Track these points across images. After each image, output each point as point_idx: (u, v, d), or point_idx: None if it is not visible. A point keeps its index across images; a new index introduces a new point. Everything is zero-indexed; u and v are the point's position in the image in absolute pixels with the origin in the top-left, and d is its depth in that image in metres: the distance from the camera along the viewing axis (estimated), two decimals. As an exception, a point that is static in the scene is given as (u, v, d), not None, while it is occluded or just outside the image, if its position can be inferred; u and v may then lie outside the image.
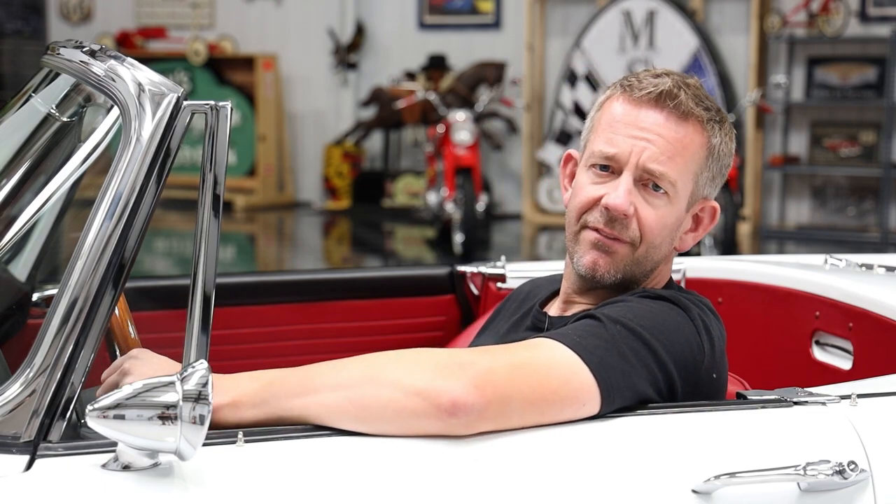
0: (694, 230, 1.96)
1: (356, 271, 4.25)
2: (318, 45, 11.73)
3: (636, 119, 1.87)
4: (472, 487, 1.56)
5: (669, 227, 1.89)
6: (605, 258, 1.88)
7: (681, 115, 1.86)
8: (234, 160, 11.64)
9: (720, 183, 1.95)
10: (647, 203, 1.87)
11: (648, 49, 10.09)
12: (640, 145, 1.85)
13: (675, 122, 1.86)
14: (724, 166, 1.93)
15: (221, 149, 1.62)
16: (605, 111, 1.92)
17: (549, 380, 1.62)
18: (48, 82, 1.97)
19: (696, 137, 1.88)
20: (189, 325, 1.60)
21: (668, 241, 1.91)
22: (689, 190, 1.90)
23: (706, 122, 1.88)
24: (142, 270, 7.52)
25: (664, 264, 1.95)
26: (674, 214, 1.89)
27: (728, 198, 8.29)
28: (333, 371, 1.62)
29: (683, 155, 1.87)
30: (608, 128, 1.89)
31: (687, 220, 1.94)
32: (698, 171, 1.89)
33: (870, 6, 9.79)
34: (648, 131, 1.86)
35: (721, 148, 1.91)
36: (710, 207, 1.95)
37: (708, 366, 1.80)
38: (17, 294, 2.19)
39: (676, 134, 1.86)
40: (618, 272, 1.88)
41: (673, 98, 1.86)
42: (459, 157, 9.12)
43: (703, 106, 1.89)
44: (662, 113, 1.86)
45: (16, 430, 1.50)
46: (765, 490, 1.64)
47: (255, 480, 1.51)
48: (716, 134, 1.90)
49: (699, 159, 1.89)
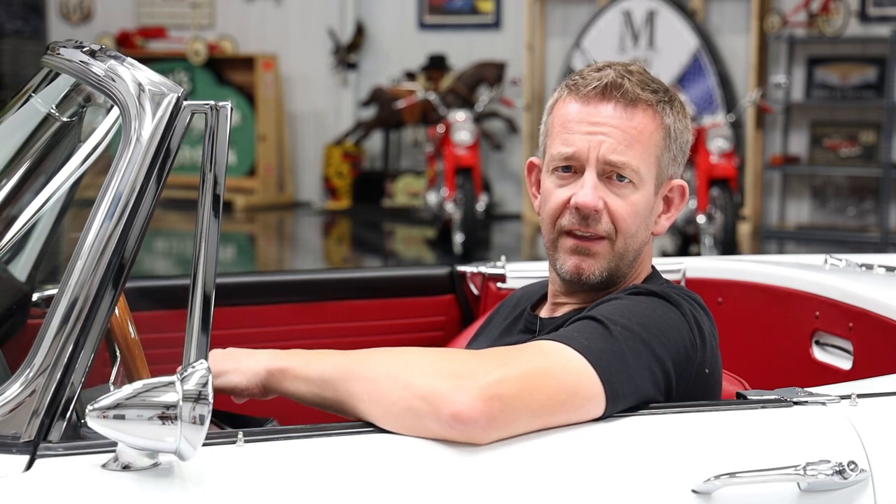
0: (667, 211, 1.98)
1: (356, 271, 4.24)
2: (318, 45, 11.73)
3: (587, 115, 1.89)
4: (472, 487, 1.56)
5: (642, 213, 1.90)
6: (588, 261, 1.89)
7: (629, 102, 1.88)
8: (234, 160, 11.65)
9: (683, 161, 1.96)
10: (614, 195, 1.88)
11: (648, 49, 10.09)
12: (596, 139, 1.87)
13: (625, 111, 1.88)
14: (684, 143, 1.95)
15: (221, 149, 1.62)
16: (556, 113, 1.94)
17: (559, 391, 1.63)
18: (48, 82, 1.97)
19: (649, 122, 1.89)
20: (189, 325, 1.60)
21: (643, 227, 1.92)
22: (654, 173, 1.91)
23: (656, 104, 1.90)
24: (142, 270, 7.52)
25: (646, 251, 1.96)
26: (643, 201, 1.90)
27: (728, 198, 8.29)
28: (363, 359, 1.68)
29: (640, 141, 1.88)
30: (562, 129, 1.91)
31: (658, 204, 1.95)
32: (658, 153, 1.90)
33: (870, 6, 9.79)
34: (602, 125, 1.87)
35: (676, 126, 1.92)
36: (678, 186, 1.97)
37: (700, 361, 1.81)
38: (17, 294, 2.19)
39: (630, 122, 1.88)
40: (603, 271, 1.90)
41: (618, 88, 1.87)
42: (459, 157, 9.13)
43: (649, 89, 1.90)
44: (611, 104, 1.88)
45: (16, 430, 1.50)
46: (765, 490, 1.64)
47: (255, 480, 1.51)
48: (668, 114, 1.91)
49: (657, 142, 1.90)
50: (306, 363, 1.72)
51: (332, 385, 1.67)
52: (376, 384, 1.61)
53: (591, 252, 1.89)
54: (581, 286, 1.92)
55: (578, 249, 1.89)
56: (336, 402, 1.67)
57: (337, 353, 1.72)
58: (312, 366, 1.71)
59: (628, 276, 1.94)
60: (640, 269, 1.96)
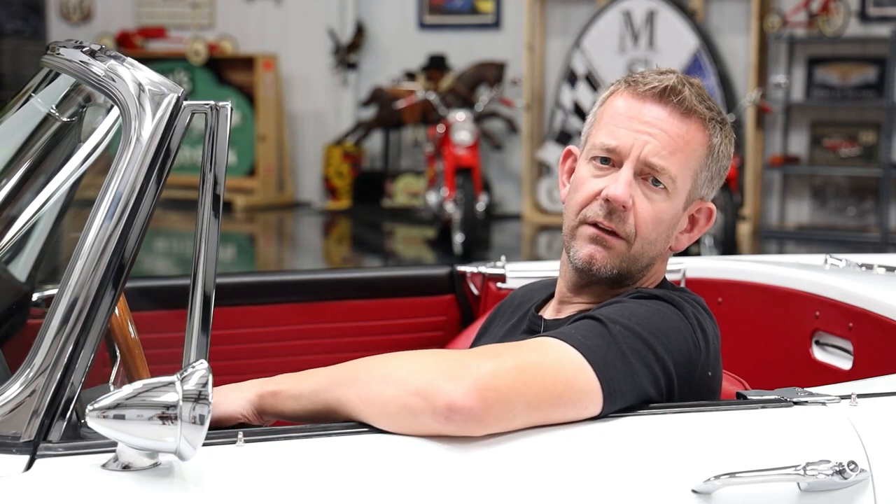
0: (689, 231, 1.96)
1: (356, 271, 4.25)
2: (318, 45, 11.73)
3: (639, 113, 1.87)
4: (472, 487, 1.56)
5: (665, 223, 1.90)
6: (602, 252, 1.88)
7: (684, 111, 1.87)
8: (234, 160, 11.65)
9: (718, 185, 1.95)
10: (645, 197, 1.87)
11: (648, 49, 10.09)
12: (642, 139, 1.86)
13: (678, 118, 1.87)
14: (723, 168, 1.94)
15: (221, 149, 1.62)
16: (608, 106, 1.93)
17: (554, 384, 1.62)
18: (48, 82, 1.97)
19: (697, 135, 1.88)
20: (189, 325, 1.60)
21: (663, 237, 1.91)
22: (688, 188, 1.90)
23: (708, 120, 1.89)
24: (142, 270, 7.52)
25: (660, 262, 1.95)
26: (670, 211, 1.89)
27: (728, 198, 8.28)
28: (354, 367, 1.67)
29: (685, 151, 1.87)
30: (611, 121, 1.90)
31: (683, 220, 1.94)
32: (698, 169, 1.90)
33: (870, 6, 9.79)
34: (651, 125, 1.86)
35: (721, 149, 1.92)
36: (707, 209, 1.96)
37: (703, 364, 1.81)
38: (17, 294, 2.19)
39: (679, 129, 1.87)
40: (614, 267, 1.89)
41: (677, 94, 1.87)
42: (459, 157, 9.13)
43: (705, 105, 1.90)
44: (666, 108, 1.87)
45: (16, 430, 1.50)
46: (765, 490, 1.64)
47: (255, 480, 1.51)
48: (716, 134, 1.91)
49: (699, 157, 1.90)
50: (297, 382, 1.71)
51: (324, 396, 1.66)
52: (368, 387, 1.61)
53: (608, 245, 1.88)
54: (591, 277, 1.91)
55: (597, 239, 1.88)
56: (330, 412, 1.66)
57: (325, 368, 1.71)
58: (304, 383, 1.70)
59: (638, 282, 1.93)
60: (651, 279, 1.95)
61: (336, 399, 1.64)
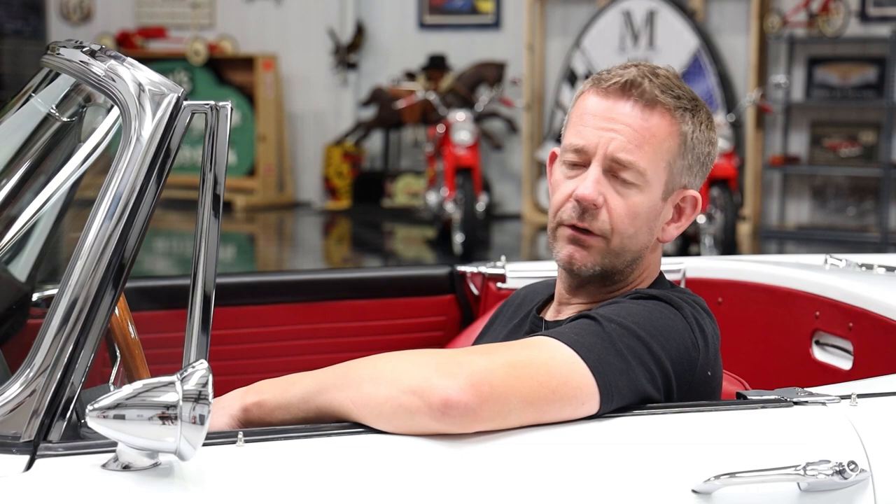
0: (677, 220, 1.95)
1: (356, 271, 4.25)
2: (318, 45, 11.73)
3: (604, 110, 1.88)
4: (472, 487, 1.56)
5: (643, 216, 1.88)
6: (581, 251, 1.89)
7: (646, 103, 1.86)
8: (234, 160, 11.65)
9: (702, 172, 1.93)
10: (617, 193, 1.87)
11: (648, 49, 10.09)
12: (607, 136, 1.86)
13: (641, 111, 1.86)
14: (703, 154, 1.92)
15: (221, 149, 1.62)
16: (577, 105, 1.94)
17: (548, 379, 1.62)
18: (48, 82, 1.97)
19: (663, 125, 1.87)
20: (189, 325, 1.60)
21: (644, 230, 1.90)
22: (664, 178, 1.88)
23: (674, 109, 1.87)
24: (142, 270, 7.52)
25: (650, 254, 1.94)
26: (647, 204, 1.88)
27: (728, 198, 8.29)
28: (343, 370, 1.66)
29: (651, 143, 1.86)
30: (578, 121, 1.90)
31: (667, 210, 1.92)
32: (671, 159, 1.88)
33: (870, 6, 9.79)
34: (615, 121, 1.86)
35: (696, 136, 1.90)
36: (691, 197, 1.94)
37: (703, 363, 1.81)
38: (17, 294, 2.19)
39: (643, 122, 1.86)
40: (595, 264, 1.89)
41: (637, 86, 1.87)
42: (459, 157, 9.13)
43: (671, 94, 1.88)
44: (628, 102, 1.87)
45: (16, 430, 1.50)
46: (765, 490, 1.64)
47: (255, 480, 1.51)
48: (686, 122, 1.89)
49: (670, 147, 1.88)
50: (283, 389, 1.68)
51: (315, 401, 1.64)
52: (360, 389, 1.60)
53: (585, 244, 1.88)
54: (579, 277, 1.91)
55: (574, 239, 1.89)
56: (322, 417, 1.64)
57: (311, 372, 1.69)
58: (291, 391, 1.67)
59: (630, 278, 1.93)
60: (645, 274, 1.94)
61: (327, 403, 1.63)
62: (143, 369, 1.99)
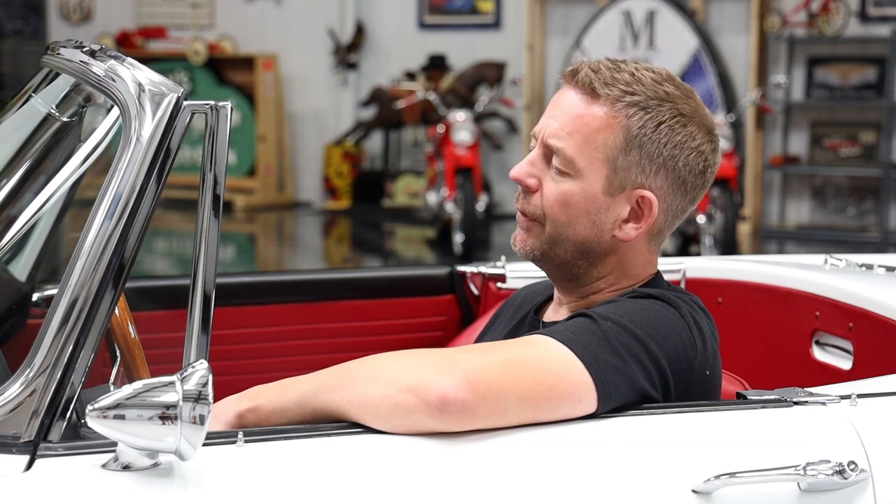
0: (636, 221, 1.87)
1: (356, 271, 4.25)
2: (318, 45, 11.73)
3: (556, 97, 1.92)
4: (472, 487, 1.56)
5: (576, 206, 1.85)
6: (522, 234, 1.91)
7: (588, 92, 1.86)
8: (234, 160, 11.65)
9: (664, 174, 1.85)
10: (551, 179, 1.87)
11: (648, 49, 10.09)
12: (547, 121, 1.89)
13: (581, 100, 1.86)
14: (659, 154, 1.84)
15: (221, 149, 1.62)
16: None
17: (544, 376, 1.62)
18: (48, 82, 1.97)
19: (599, 116, 1.84)
20: (189, 325, 1.60)
21: (584, 222, 1.85)
22: (602, 173, 1.84)
23: (616, 102, 1.84)
24: (142, 270, 7.52)
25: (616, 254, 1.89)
26: (580, 194, 1.84)
27: (728, 198, 8.29)
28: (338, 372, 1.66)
29: (583, 132, 1.84)
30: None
31: (619, 208, 1.86)
32: (610, 154, 1.83)
33: (870, 6, 9.79)
34: (557, 107, 1.89)
35: (645, 134, 1.83)
36: (645, 198, 1.85)
37: (701, 363, 1.80)
38: (17, 294, 2.19)
39: (579, 110, 1.86)
40: (533, 248, 1.90)
41: (583, 76, 1.87)
42: (459, 157, 9.13)
43: (621, 89, 1.84)
44: (574, 90, 1.88)
45: (16, 430, 1.50)
46: (765, 490, 1.64)
47: (255, 480, 1.51)
48: (633, 116, 1.83)
49: (608, 141, 1.83)
50: (278, 394, 1.67)
51: (311, 404, 1.64)
52: (357, 390, 1.60)
53: (523, 226, 1.91)
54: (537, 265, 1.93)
55: (518, 222, 1.93)
56: (319, 419, 1.64)
57: (306, 375, 1.68)
58: (286, 395, 1.66)
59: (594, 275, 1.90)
60: (619, 274, 1.91)
61: (324, 405, 1.63)
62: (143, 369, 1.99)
